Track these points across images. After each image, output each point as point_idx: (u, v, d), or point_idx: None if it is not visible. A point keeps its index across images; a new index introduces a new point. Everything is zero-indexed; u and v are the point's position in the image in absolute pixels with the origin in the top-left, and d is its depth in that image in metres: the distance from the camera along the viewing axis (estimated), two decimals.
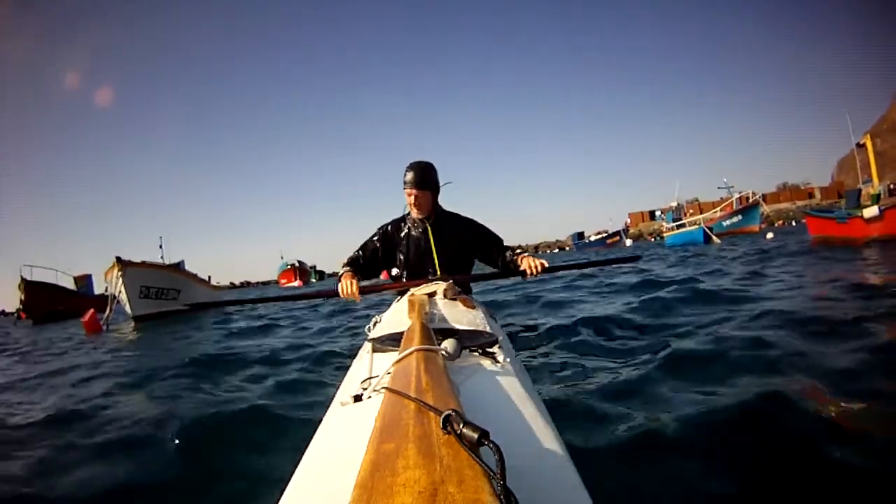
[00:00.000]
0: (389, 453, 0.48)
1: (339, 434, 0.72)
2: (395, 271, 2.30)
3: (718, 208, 25.58)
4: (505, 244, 2.34)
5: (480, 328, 1.30)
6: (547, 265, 2.16)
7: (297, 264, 39.76)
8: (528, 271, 2.12)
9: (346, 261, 2.32)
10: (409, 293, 1.85)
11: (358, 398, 0.78)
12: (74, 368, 3.81)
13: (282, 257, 39.14)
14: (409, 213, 2.26)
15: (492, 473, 0.43)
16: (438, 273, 2.15)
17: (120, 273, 9.82)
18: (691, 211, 33.57)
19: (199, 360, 3.06)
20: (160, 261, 12.45)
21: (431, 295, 1.78)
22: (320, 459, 0.66)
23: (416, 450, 0.47)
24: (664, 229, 24.43)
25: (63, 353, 5.43)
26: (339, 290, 2.13)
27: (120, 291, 10.02)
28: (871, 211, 8.54)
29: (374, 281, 2.46)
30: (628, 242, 33.60)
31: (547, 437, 0.68)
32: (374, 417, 0.59)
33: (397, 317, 1.52)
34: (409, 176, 2.15)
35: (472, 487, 0.41)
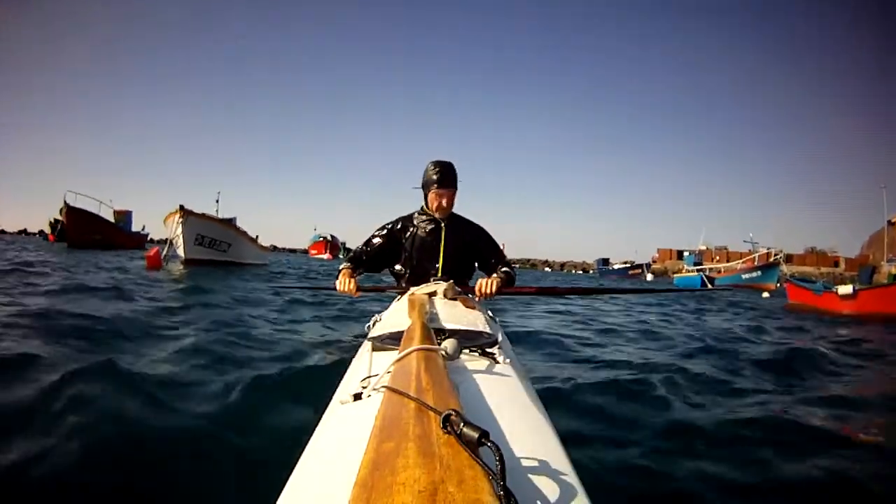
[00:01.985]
0: (389, 452, 0.48)
1: (338, 433, 0.72)
2: (398, 267, 2.29)
3: (741, 261, 26.44)
4: (503, 260, 2.29)
5: (480, 328, 1.29)
6: (496, 287, 1.97)
7: (329, 238, 39.95)
8: (478, 289, 1.95)
9: (349, 255, 2.32)
10: (410, 292, 1.85)
11: (358, 397, 0.78)
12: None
13: (315, 229, 39.44)
14: (419, 212, 2.25)
15: (492, 473, 0.43)
16: (440, 274, 2.14)
17: (181, 219, 10.90)
18: (718, 258, 34.73)
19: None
20: (215, 214, 13.55)
21: (432, 295, 1.78)
22: (320, 458, 0.66)
23: (416, 449, 0.47)
24: (684, 270, 24.80)
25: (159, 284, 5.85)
26: (337, 286, 2.14)
27: (178, 235, 11.10)
28: (845, 289, 8.97)
29: (374, 281, 2.45)
30: (649, 277, 33.80)
31: (547, 437, 0.68)
32: (374, 416, 0.59)
33: (397, 316, 1.52)
34: (440, 176, 2.11)
35: (472, 487, 0.41)
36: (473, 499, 0.40)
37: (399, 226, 2.27)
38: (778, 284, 22.98)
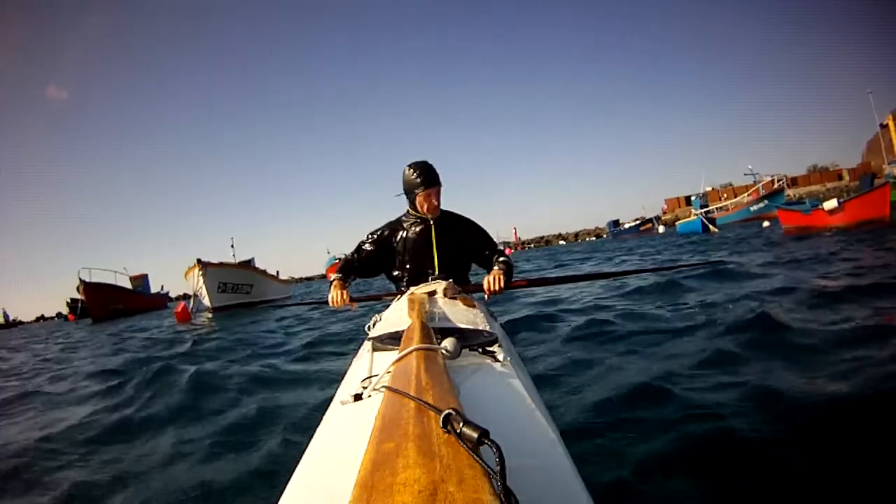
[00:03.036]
0: (389, 452, 0.48)
1: (339, 433, 0.72)
2: (395, 273, 2.28)
3: (746, 194, 26.65)
4: (497, 250, 2.29)
5: (480, 327, 1.29)
6: (503, 283, 1.97)
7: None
8: (487, 287, 1.95)
9: (339, 265, 2.29)
10: (409, 292, 1.84)
11: (358, 397, 0.78)
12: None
13: (328, 252, 39.53)
14: (405, 215, 2.24)
15: (492, 473, 0.43)
16: (437, 273, 2.13)
17: (201, 272, 11.37)
18: (725, 195, 34.75)
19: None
20: (233, 259, 14.16)
21: (431, 294, 1.78)
22: (320, 458, 0.66)
23: (417, 449, 0.47)
24: (692, 214, 24.81)
25: (194, 338, 5.93)
26: (329, 301, 2.03)
27: (200, 287, 11.58)
28: (830, 204, 9.49)
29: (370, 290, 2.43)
30: (661, 229, 33.57)
31: (547, 436, 0.68)
32: (375, 416, 0.59)
33: (397, 316, 1.52)
34: (423, 177, 2.09)
35: (472, 487, 0.41)
36: (473, 498, 0.40)
37: (387, 231, 2.24)
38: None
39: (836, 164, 38.58)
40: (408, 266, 2.21)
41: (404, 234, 2.21)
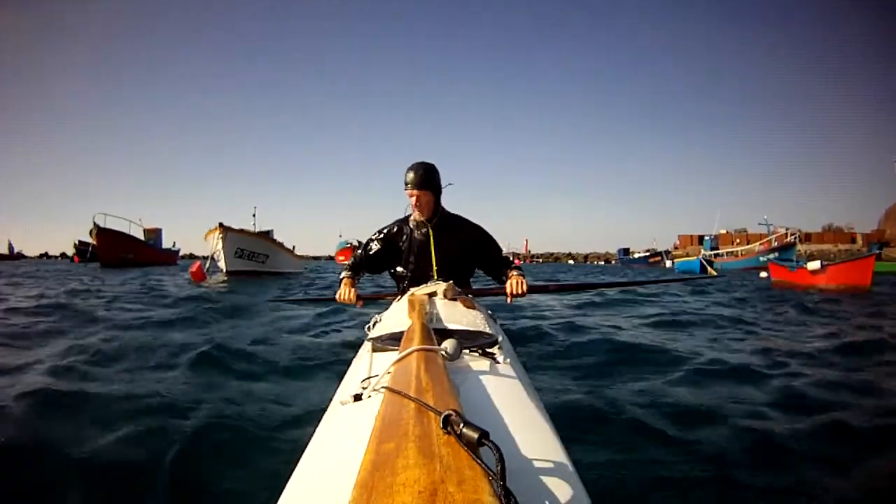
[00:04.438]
0: (389, 453, 0.48)
1: (339, 433, 0.72)
2: (398, 269, 2.29)
3: (758, 244, 27.11)
4: (504, 255, 2.29)
5: (480, 328, 1.29)
6: (525, 288, 2.06)
7: (356, 245, 40.17)
8: (510, 292, 2.03)
9: (351, 261, 2.33)
10: (410, 293, 1.85)
11: (358, 397, 0.78)
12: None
13: (340, 235, 39.55)
14: (410, 215, 2.25)
15: (492, 473, 0.43)
16: (436, 277, 2.13)
17: (221, 235, 11.83)
18: (737, 241, 35.31)
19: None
20: (252, 228, 14.61)
21: (431, 295, 1.78)
22: (320, 458, 0.66)
23: (417, 449, 0.47)
24: (703, 257, 25.41)
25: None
26: (337, 296, 2.16)
27: (218, 250, 12.05)
28: (814, 265, 9.84)
29: (376, 290, 2.46)
30: (668, 263, 34.05)
31: (547, 437, 0.68)
32: (375, 417, 0.59)
33: (397, 316, 1.52)
34: (410, 176, 2.12)
35: (472, 487, 0.41)
36: (473, 499, 0.40)
37: (395, 229, 2.27)
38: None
39: (851, 227, 38.57)
40: (411, 265, 2.23)
41: (409, 234, 2.23)
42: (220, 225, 11.88)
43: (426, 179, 2.13)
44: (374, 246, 2.29)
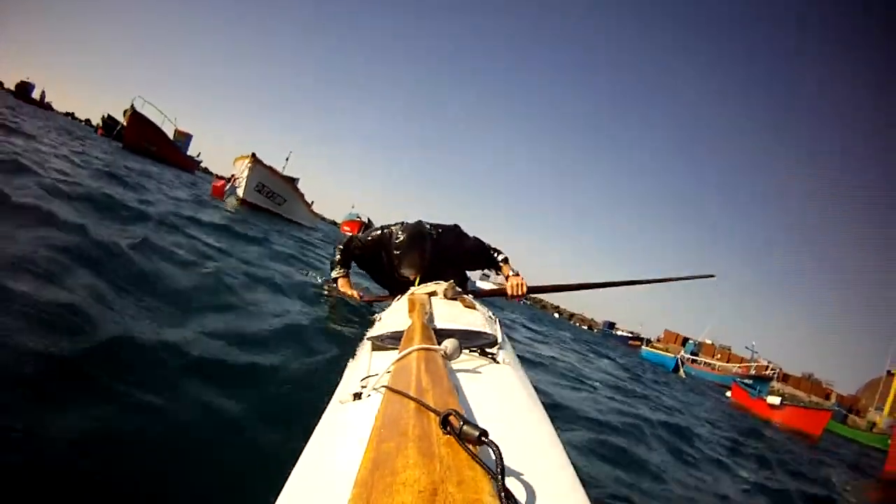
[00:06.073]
0: (389, 452, 0.48)
1: (338, 432, 0.72)
2: (381, 279, 2.33)
3: (737, 365, 27.58)
4: (496, 255, 2.27)
5: (480, 328, 1.29)
6: (525, 290, 2.08)
7: (365, 220, 40.08)
8: (511, 292, 2.05)
9: (337, 257, 2.32)
10: (410, 292, 1.85)
11: (358, 396, 0.78)
12: None
13: (353, 207, 39.56)
14: (404, 222, 2.25)
15: (491, 473, 0.43)
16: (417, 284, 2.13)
17: (250, 164, 12.00)
18: (719, 355, 35.70)
19: None
20: (281, 170, 14.63)
21: (431, 294, 1.78)
22: (319, 457, 0.66)
23: (416, 449, 0.47)
24: (682, 357, 25.89)
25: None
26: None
27: (242, 177, 12.22)
28: (773, 399, 10.27)
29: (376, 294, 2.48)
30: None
31: (546, 437, 0.68)
32: (374, 416, 0.59)
33: (397, 316, 1.52)
34: (403, 242, 2.14)
35: (472, 487, 0.41)
36: (473, 499, 0.40)
37: (387, 232, 2.27)
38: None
39: (830, 383, 38.05)
40: (399, 273, 2.21)
41: (394, 242, 2.19)
42: (253, 155, 12.15)
43: (419, 242, 2.11)
44: (362, 245, 2.31)
